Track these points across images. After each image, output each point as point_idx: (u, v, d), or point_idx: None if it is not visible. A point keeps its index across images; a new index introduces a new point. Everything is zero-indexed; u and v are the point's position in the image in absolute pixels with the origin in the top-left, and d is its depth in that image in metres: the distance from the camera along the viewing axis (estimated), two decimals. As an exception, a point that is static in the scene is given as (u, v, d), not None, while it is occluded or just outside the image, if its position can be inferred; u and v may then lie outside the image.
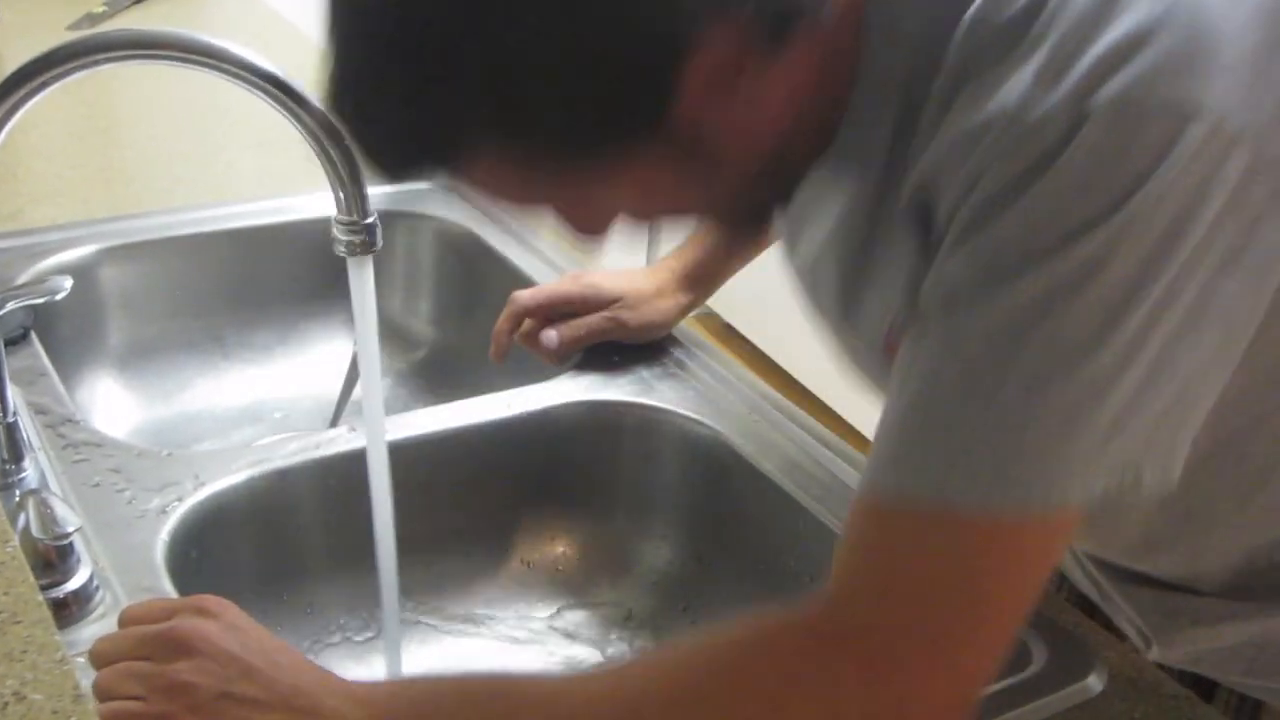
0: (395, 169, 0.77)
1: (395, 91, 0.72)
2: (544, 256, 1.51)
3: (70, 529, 0.94)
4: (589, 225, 0.83)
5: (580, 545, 1.30)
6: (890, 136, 0.80)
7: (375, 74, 0.73)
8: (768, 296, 1.49)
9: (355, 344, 1.07)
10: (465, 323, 1.57)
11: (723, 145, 0.77)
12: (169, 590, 0.96)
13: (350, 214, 0.97)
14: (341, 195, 0.97)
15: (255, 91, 0.93)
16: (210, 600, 0.83)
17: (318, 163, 0.95)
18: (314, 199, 1.53)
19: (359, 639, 1.19)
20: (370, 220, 0.97)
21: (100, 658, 0.81)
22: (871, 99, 0.80)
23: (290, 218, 1.54)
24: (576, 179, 0.76)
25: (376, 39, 0.72)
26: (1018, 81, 0.70)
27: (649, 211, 0.83)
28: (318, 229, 1.19)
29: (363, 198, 0.97)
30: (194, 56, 0.92)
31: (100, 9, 2.19)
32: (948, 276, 0.73)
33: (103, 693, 0.78)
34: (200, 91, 1.86)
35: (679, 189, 0.80)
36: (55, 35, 1.07)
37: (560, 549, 1.30)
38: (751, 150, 0.79)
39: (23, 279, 1.34)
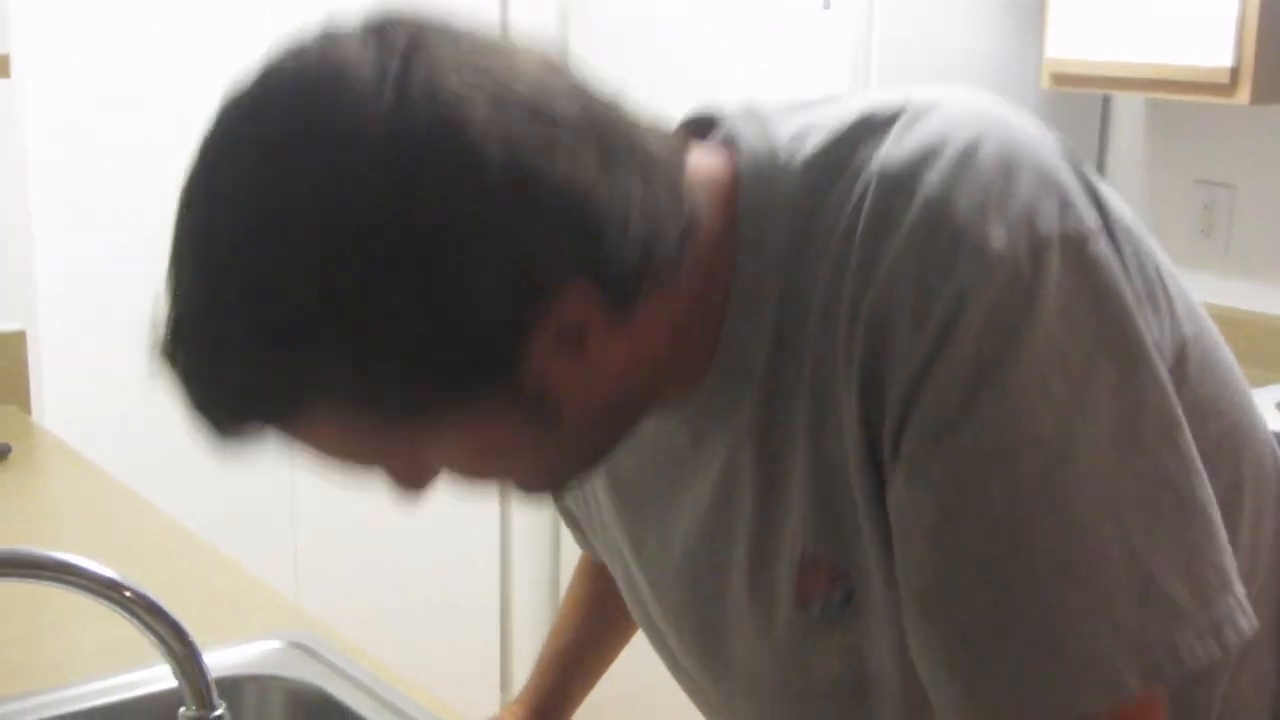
0: (230, 426, 0.75)
1: (239, 346, 0.72)
2: (396, 709, 1.40)
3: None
4: (415, 479, 0.83)
5: None
6: (768, 353, 0.84)
7: (220, 325, 0.72)
8: None
9: None
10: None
11: (564, 404, 0.79)
12: None
13: (196, 708, 1.01)
14: (186, 687, 1.00)
15: (101, 600, 0.98)
16: None
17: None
18: (161, 669, 1.31)
19: None
20: (218, 713, 1.02)
21: None
22: (744, 323, 0.84)
23: (139, 692, 1.44)
24: (412, 435, 0.77)
25: (227, 290, 0.71)
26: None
27: (479, 467, 0.84)
28: (167, 702, 1.17)
29: (207, 688, 1.01)
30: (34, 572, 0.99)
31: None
32: (935, 468, 0.76)
33: None
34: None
35: (514, 445, 0.81)
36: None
37: None
38: (593, 406, 0.81)
39: None
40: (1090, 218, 0.78)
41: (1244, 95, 2.45)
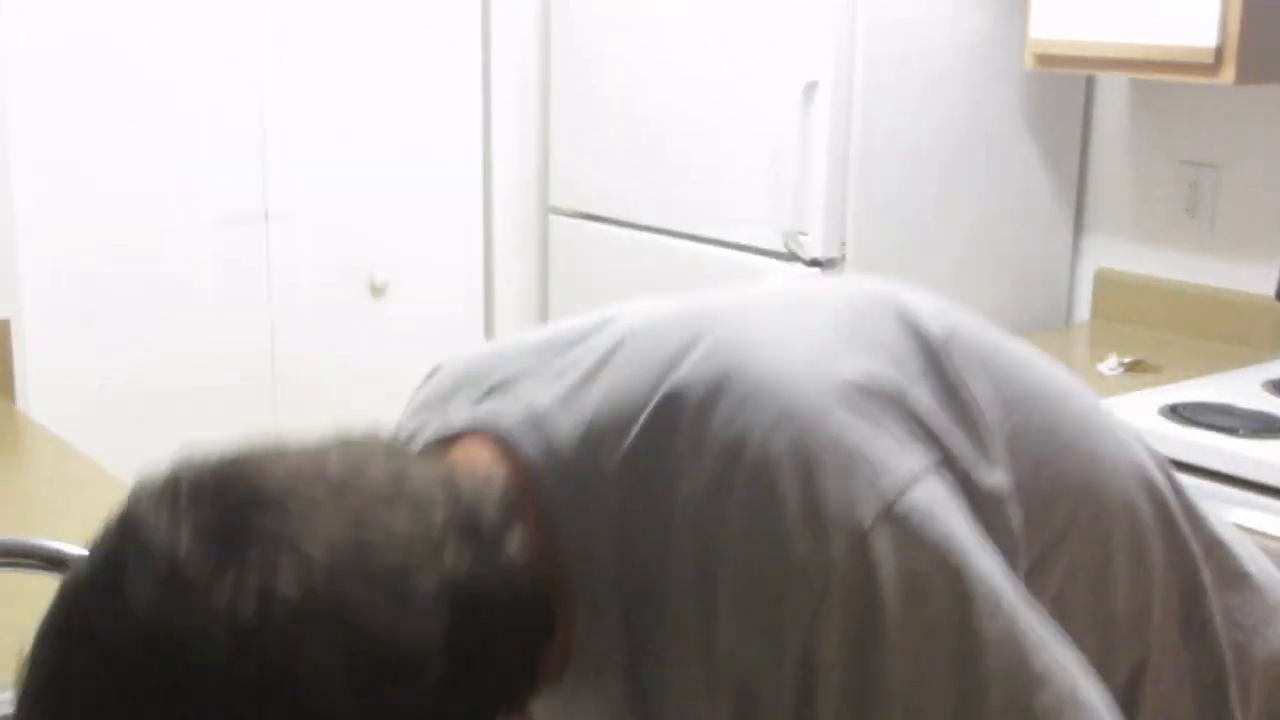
0: None
1: None
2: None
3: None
4: None
5: None
6: (624, 655, 0.82)
7: None
8: None
9: None
10: None
11: None
12: None
13: None
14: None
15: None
16: None
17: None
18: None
19: None
20: None
21: None
22: (592, 632, 0.82)
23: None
24: None
25: None
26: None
27: None
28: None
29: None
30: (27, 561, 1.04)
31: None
32: None
33: None
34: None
35: None
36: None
37: None
38: None
39: None
40: (905, 462, 0.76)
41: (1228, 75, 2.44)
